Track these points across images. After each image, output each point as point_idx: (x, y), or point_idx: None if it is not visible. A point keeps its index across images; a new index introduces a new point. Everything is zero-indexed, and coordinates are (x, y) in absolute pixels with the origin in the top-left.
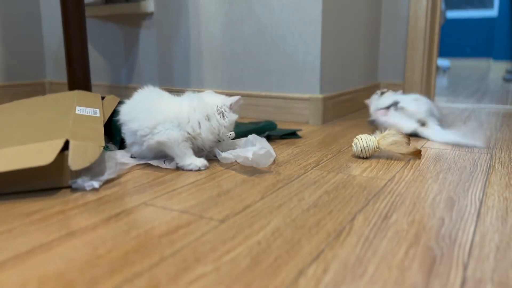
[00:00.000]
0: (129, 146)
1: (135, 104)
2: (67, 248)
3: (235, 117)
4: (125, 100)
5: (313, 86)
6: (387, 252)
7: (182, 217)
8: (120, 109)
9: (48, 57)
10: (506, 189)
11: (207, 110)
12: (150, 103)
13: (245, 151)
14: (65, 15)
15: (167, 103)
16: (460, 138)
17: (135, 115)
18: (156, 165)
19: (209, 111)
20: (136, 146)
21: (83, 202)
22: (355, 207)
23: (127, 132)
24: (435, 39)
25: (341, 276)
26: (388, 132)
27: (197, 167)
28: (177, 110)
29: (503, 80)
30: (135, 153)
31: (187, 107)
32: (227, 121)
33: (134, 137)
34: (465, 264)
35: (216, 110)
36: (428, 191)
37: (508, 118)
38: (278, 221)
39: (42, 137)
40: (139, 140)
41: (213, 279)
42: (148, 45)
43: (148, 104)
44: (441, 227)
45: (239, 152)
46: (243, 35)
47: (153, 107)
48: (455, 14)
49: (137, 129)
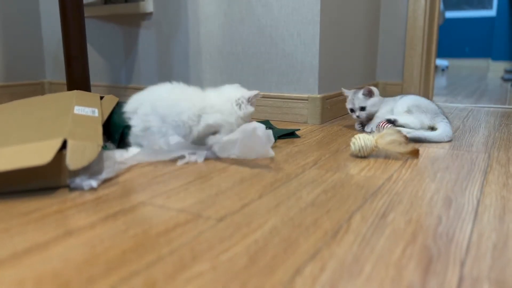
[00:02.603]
0: (150, 138)
1: (167, 97)
2: (65, 247)
3: (251, 110)
4: (137, 96)
5: (312, 86)
6: (384, 250)
7: (179, 216)
8: (147, 105)
9: (48, 57)
10: (504, 188)
11: (228, 101)
12: (184, 94)
13: (246, 125)
14: (64, 15)
15: (199, 95)
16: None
17: (176, 107)
18: (162, 162)
19: (229, 101)
20: (175, 136)
21: (81, 201)
22: (353, 206)
23: (147, 115)
24: (433, 39)
25: (338, 275)
26: (386, 131)
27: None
28: (212, 100)
29: (502, 80)
30: (176, 143)
31: (214, 97)
32: (243, 112)
33: (172, 127)
34: (462, 262)
35: (235, 102)
36: (426, 190)
37: (506, 117)
38: (276, 220)
39: (41, 137)
40: (181, 129)
41: (210, 277)
42: (147, 45)
43: (183, 96)
44: (439, 226)
45: (240, 128)
46: (242, 35)
47: (191, 98)
48: (454, 14)
49: (185, 119)
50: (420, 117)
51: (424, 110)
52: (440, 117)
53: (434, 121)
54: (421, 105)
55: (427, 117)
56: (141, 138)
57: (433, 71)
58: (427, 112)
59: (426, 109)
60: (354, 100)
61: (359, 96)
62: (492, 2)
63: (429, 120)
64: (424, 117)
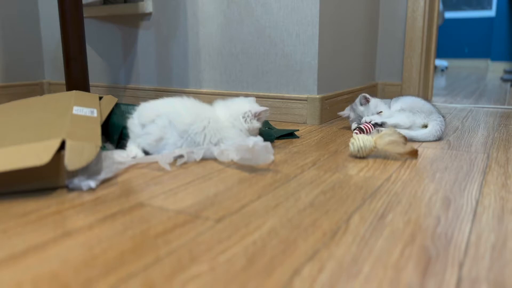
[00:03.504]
0: (155, 141)
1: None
2: (62, 249)
3: (256, 125)
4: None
5: (311, 86)
6: (383, 251)
7: (178, 217)
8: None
9: (47, 57)
10: (503, 188)
11: (234, 115)
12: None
13: (246, 140)
14: (63, 16)
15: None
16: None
17: (190, 118)
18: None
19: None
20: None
21: (79, 202)
22: (351, 206)
23: (165, 128)
24: (433, 39)
25: (336, 276)
26: (385, 132)
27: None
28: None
29: (501, 80)
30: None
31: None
32: (248, 126)
33: (175, 134)
34: (461, 263)
35: (242, 115)
36: (425, 190)
37: (505, 118)
38: (274, 221)
39: (39, 137)
40: (180, 137)
41: (208, 279)
42: (147, 45)
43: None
44: (437, 227)
45: (239, 143)
46: (241, 35)
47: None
48: (453, 14)
49: (190, 129)
50: (411, 116)
51: (418, 110)
52: (434, 116)
53: (427, 119)
54: (415, 106)
55: (421, 116)
56: (153, 147)
57: (433, 71)
58: (421, 111)
59: (420, 109)
60: (356, 112)
61: (359, 108)
62: (492, 3)
63: (423, 119)
64: (417, 116)
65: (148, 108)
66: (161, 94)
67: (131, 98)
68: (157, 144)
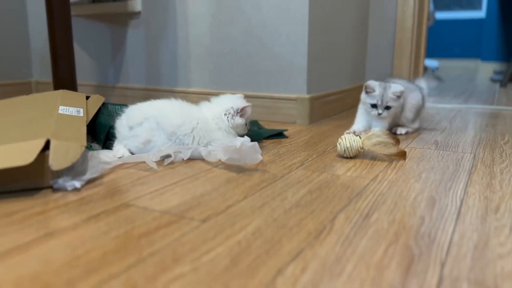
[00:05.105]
0: (143, 143)
1: (169, 108)
2: (45, 249)
3: (239, 121)
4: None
5: (301, 86)
6: (366, 251)
7: (163, 218)
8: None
9: (35, 56)
10: (487, 188)
11: (217, 114)
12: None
13: (233, 141)
14: (50, 14)
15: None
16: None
17: (178, 120)
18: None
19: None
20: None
21: (64, 203)
22: (337, 206)
23: (153, 130)
24: (422, 40)
25: (319, 275)
26: (374, 133)
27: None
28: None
29: (491, 80)
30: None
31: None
32: (231, 123)
33: (164, 134)
34: (443, 263)
35: (224, 112)
36: (410, 190)
37: (493, 118)
38: (260, 221)
39: (24, 137)
40: (169, 139)
41: (191, 279)
42: (136, 44)
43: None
44: (421, 226)
45: (226, 143)
46: (231, 35)
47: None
48: (444, 15)
49: (179, 131)
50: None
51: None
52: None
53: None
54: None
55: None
56: (140, 149)
57: (422, 72)
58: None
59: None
60: (383, 96)
61: (390, 95)
62: (482, 3)
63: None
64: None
65: (136, 110)
66: (150, 93)
67: (119, 98)
68: (144, 147)
